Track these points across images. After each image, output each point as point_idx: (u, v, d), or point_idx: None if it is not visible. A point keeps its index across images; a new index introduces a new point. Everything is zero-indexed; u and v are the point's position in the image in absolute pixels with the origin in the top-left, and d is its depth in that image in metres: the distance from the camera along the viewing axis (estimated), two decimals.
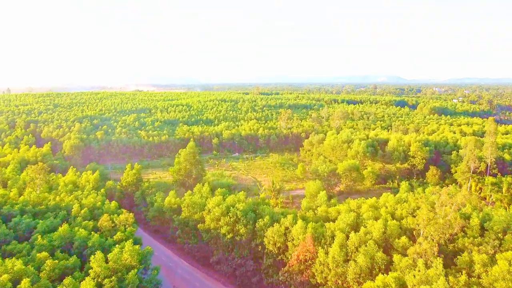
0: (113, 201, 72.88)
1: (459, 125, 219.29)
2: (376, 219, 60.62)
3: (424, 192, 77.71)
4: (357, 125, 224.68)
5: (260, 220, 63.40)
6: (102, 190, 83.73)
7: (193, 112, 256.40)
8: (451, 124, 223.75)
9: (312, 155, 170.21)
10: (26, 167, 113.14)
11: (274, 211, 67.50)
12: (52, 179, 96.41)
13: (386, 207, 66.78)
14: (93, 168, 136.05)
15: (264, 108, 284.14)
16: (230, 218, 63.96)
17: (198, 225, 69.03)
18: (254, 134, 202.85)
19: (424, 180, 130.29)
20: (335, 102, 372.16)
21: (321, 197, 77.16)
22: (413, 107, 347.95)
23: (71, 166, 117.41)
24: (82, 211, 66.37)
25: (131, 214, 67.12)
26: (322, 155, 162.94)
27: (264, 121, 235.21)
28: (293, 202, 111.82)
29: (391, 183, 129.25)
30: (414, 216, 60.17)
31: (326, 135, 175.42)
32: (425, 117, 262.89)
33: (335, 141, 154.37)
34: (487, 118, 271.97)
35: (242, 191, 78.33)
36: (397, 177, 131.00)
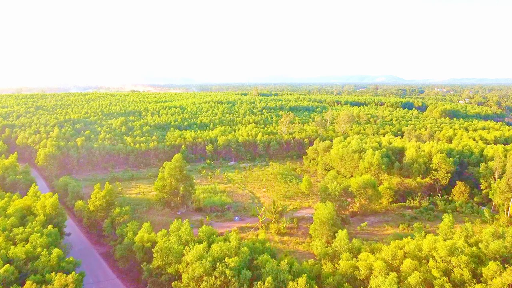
0: (56, 249, 53.88)
1: (475, 130, 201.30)
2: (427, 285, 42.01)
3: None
4: (364, 129, 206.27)
5: (259, 284, 44.65)
6: (50, 227, 64.16)
7: (187, 115, 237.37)
8: (466, 129, 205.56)
9: (317, 164, 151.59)
10: None
11: (279, 269, 48.43)
12: None
13: (436, 261, 48.09)
14: (64, 182, 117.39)
15: (263, 111, 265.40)
16: (216, 279, 45.34)
17: (172, 284, 50.23)
18: (252, 140, 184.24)
19: (450, 198, 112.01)
20: (337, 104, 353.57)
21: (341, 239, 58.09)
22: (421, 109, 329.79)
23: (33, 184, 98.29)
24: (2, 270, 46.97)
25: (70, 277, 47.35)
26: (329, 166, 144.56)
27: (263, 125, 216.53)
28: (299, 227, 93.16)
29: (412, 201, 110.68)
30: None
31: (332, 141, 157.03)
32: (436, 120, 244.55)
33: (344, 150, 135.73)
34: (502, 122, 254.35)
35: (234, 233, 59.20)
36: (419, 194, 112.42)
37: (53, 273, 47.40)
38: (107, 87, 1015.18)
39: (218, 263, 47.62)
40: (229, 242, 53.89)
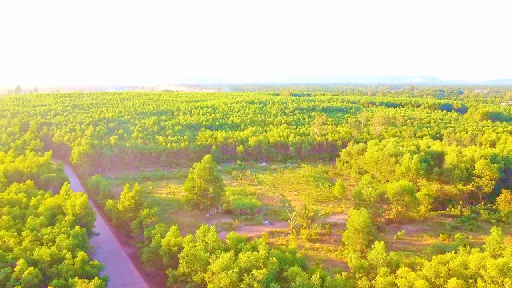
0: (81, 252, 52.78)
1: None
2: None
3: None
4: (400, 132, 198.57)
5: None
6: (77, 228, 63.35)
7: (218, 115, 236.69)
8: (511, 133, 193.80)
9: (350, 168, 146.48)
10: (13, 182, 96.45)
11: (310, 283, 45.18)
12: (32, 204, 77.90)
13: (485, 282, 43.40)
14: (95, 181, 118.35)
15: (295, 111, 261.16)
16: None
17: None
18: (283, 141, 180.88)
19: (494, 207, 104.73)
20: (372, 105, 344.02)
21: (377, 251, 53.94)
22: (460, 110, 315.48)
23: (66, 182, 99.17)
24: (26, 273, 46.17)
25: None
26: (363, 169, 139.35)
27: (295, 126, 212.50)
28: (331, 234, 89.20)
29: (452, 209, 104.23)
30: None
31: (366, 144, 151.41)
32: (477, 123, 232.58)
33: (380, 153, 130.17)
34: None
35: (263, 242, 56.28)
36: (460, 202, 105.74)
37: (76, 278, 46.26)
38: (142, 86, 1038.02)
39: (245, 275, 44.98)
40: (258, 251, 51.12)
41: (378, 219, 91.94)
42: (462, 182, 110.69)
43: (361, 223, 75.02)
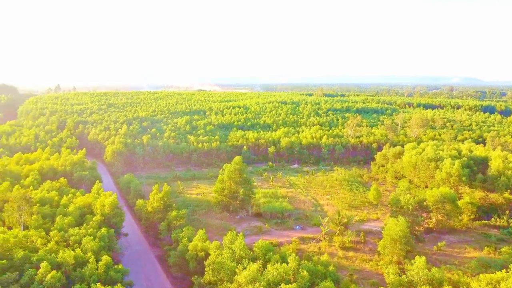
0: (105, 256, 51.46)
1: None
2: None
3: None
4: (440, 135, 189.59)
5: None
6: (103, 230, 62.28)
7: (250, 115, 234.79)
8: None
9: (386, 172, 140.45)
10: (47, 180, 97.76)
11: None
12: (64, 203, 78.11)
13: None
14: (127, 180, 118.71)
15: (329, 112, 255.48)
16: None
17: None
18: (316, 143, 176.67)
19: None
20: (409, 106, 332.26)
21: (418, 267, 49.49)
22: (504, 113, 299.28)
23: (97, 180, 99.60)
24: (49, 276, 45.15)
25: None
26: (400, 174, 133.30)
27: (328, 128, 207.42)
28: (365, 242, 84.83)
29: (498, 219, 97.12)
30: None
31: (404, 147, 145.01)
32: None
33: (418, 157, 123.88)
34: None
35: (294, 254, 53.04)
36: (507, 212, 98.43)
37: (99, 284, 44.91)
38: (177, 86, 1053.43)
39: None
40: (287, 262, 48.14)
41: (417, 228, 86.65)
42: (508, 191, 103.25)
43: (398, 233, 70.60)
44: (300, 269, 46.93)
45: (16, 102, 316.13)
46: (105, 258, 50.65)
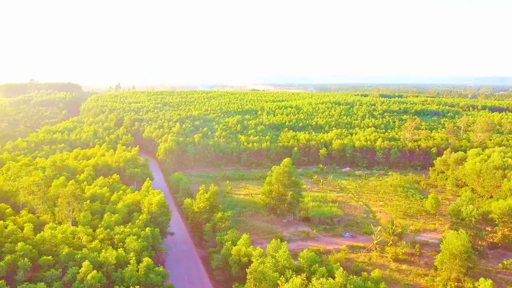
0: (146, 258, 50.89)
1: None
2: None
3: None
4: (508, 141, 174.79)
5: None
6: (147, 230, 62.04)
7: (302, 116, 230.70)
8: None
9: (446, 179, 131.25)
10: (100, 176, 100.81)
11: None
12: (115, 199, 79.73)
13: None
14: (176, 178, 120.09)
15: (385, 114, 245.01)
16: None
17: None
18: (370, 146, 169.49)
19: None
20: (473, 109, 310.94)
21: None
22: None
23: (147, 178, 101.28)
24: (90, 276, 45.18)
25: None
26: (461, 182, 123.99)
27: (384, 130, 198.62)
28: (421, 255, 78.86)
29: None
30: None
31: (466, 153, 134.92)
32: None
33: (483, 165, 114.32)
34: None
35: (341, 267, 49.29)
36: None
37: (138, 287, 44.35)
38: (230, 85, 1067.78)
39: None
40: (334, 277, 44.82)
41: (480, 243, 79.23)
42: None
43: (459, 247, 64.51)
44: (348, 285, 43.46)
45: (80, 100, 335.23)
46: (146, 260, 50.25)
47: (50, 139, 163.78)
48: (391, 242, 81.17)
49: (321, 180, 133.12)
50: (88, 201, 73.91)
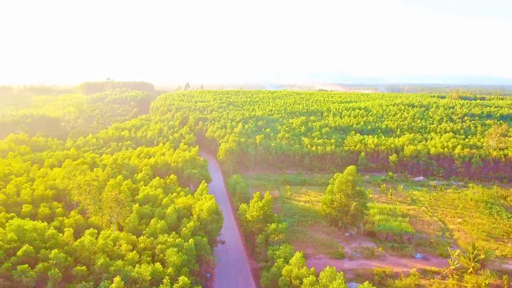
0: (182, 277, 45.86)
1: None
2: None
3: None
4: None
5: None
6: (190, 241, 57.12)
7: (371, 118, 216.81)
8: None
9: None
10: (157, 176, 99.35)
11: None
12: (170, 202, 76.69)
13: None
14: (234, 181, 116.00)
15: (465, 118, 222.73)
16: None
17: None
18: (447, 153, 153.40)
19: None
20: None
21: None
22: None
23: (203, 181, 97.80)
24: None
25: None
26: None
27: (463, 136, 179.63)
28: (510, 287, 66.53)
29: None
30: None
31: None
32: None
33: None
34: None
35: None
36: None
37: None
38: (298, 85, 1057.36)
39: None
40: None
41: None
42: None
43: None
44: None
45: (150, 98, 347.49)
46: (182, 280, 45.43)
47: (118, 136, 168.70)
48: (471, 269, 69.82)
49: (390, 190, 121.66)
50: (137, 204, 71.48)
